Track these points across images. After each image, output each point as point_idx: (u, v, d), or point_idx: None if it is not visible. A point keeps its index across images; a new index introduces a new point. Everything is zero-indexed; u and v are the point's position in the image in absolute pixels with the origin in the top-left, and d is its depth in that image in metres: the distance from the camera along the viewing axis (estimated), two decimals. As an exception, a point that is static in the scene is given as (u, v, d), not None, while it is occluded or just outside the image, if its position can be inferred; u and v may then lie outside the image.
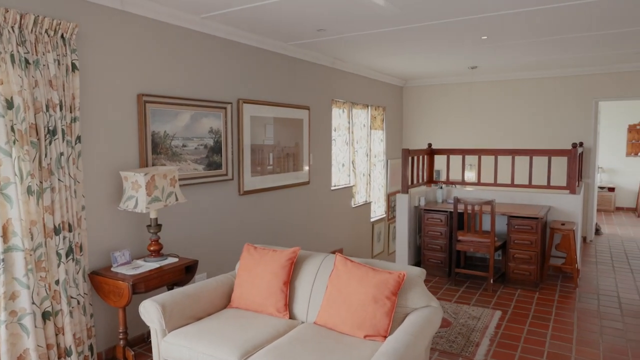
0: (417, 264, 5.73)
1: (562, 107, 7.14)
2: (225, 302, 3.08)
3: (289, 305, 2.94)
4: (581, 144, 6.46)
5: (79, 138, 3.02)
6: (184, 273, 3.42)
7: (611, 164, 10.59)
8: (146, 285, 3.08)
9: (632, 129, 10.29)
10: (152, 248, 3.36)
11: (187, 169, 3.94)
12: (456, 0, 3.50)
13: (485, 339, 3.68)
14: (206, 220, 4.20)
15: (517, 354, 3.44)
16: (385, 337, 2.53)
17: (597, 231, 7.77)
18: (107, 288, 3.08)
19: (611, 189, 10.47)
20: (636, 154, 10.30)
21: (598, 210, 10.16)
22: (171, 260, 3.38)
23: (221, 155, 4.30)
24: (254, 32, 4.48)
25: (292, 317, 2.93)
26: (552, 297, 4.68)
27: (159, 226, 3.35)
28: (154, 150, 3.64)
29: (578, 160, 5.55)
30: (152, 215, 3.32)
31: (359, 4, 3.58)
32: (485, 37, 4.72)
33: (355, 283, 2.66)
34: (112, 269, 3.17)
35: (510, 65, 6.58)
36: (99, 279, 3.12)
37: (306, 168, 5.60)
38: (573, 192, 5.24)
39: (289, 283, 2.96)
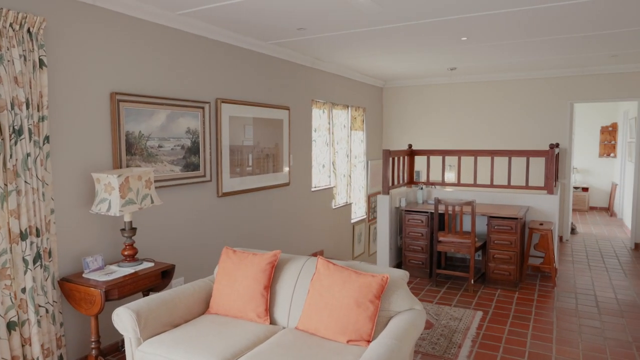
0: (398, 265, 5.72)
1: (538, 108, 7.24)
2: (204, 307, 2.98)
3: (269, 310, 2.86)
4: (557, 145, 6.56)
5: (47, 138, 2.88)
6: (160, 278, 3.29)
7: (585, 165, 10.84)
8: (120, 291, 2.95)
9: (604, 130, 10.55)
10: (126, 253, 3.23)
11: (163, 170, 3.81)
12: (438, 0, 3.48)
13: (468, 340, 3.66)
14: (183, 223, 4.08)
15: (499, 355, 3.43)
16: (369, 341, 2.48)
17: (573, 230, 7.92)
18: (79, 295, 2.94)
19: (585, 189, 10.71)
20: (608, 155, 10.57)
21: (573, 210, 10.37)
22: (147, 265, 3.25)
23: (199, 156, 4.18)
24: (232, 30, 4.38)
25: (272, 322, 2.85)
26: (531, 296, 4.71)
27: (133, 230, 3.22)
28: (128, 151, 3.51)
29: (555, 161, 5.63)
30: (127, 219, 3.19)
31: (340, 1, 3.52)
32: (465, 38, 4.74)
33: (337, 287, 2.60)
34: (83, 275, 3.03)
35: (488, 67, 6.64)
36: (69, 286, 2.97)
37: (286, 169, 5.52)
38: (551, 192, 5.30)
39: (270, 287, 2.88)
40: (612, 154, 10.49)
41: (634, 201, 6.78)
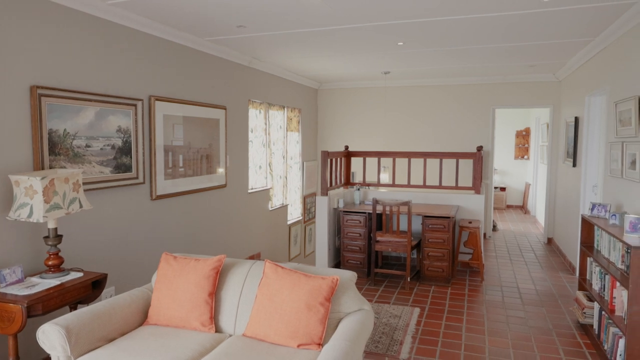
0: (337, 265, 5.77)
1: (465, 113, 7.68)
2: (142, 318, 2.78)
3: (214, 318, 2.74)
4: (481, 148, 6.99)
5: (-45, 135, 2.53)
6: (91, 289, 3.03)
7: (502, 166, 11.67)
8: (44, 306, 2.67)
9: (519, 134, 11.44)
10: (50, 262, 2.93)
11: (91, 172, 3.52)
12: (382, 3, 3.55)
13: (408, 337, 3.77)
14: (114, 229, 3.80)
15: (438, 349, 3.57)
16: (320, 344, 2.45)
17: (494, 228, 8.49)
18: (-6, 312, 2.62)
19: (503, 189, 11.54)
20: (522, 157, 11.47)
21: (493, 208, 11.12)
22: (75, 275, 2.98)
23: (131, 157, 3.92)
24: (167, 25, 4.16)
25: (218, 330, 2.73)
26: (462, 291, 4.97)
27: (58, 237, 2.94)
28: (52, 150, 3.20)
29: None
30: (51, 225, 2.90)
31: (290, 0, 3.47)
32: (402, 43, 4.89)
33: (287, 290, 2.55)
34: (-1, 290, 2.71)
35: (420, 72, 6.92)
36: (-18, 302, 2.64)
37: (221, 170, 5.35)
38: (478, 192, 5.63)
39: (214, 294, 2.75)
40: (525, 156, 11.40)
41: (547, 200, 7.40)
